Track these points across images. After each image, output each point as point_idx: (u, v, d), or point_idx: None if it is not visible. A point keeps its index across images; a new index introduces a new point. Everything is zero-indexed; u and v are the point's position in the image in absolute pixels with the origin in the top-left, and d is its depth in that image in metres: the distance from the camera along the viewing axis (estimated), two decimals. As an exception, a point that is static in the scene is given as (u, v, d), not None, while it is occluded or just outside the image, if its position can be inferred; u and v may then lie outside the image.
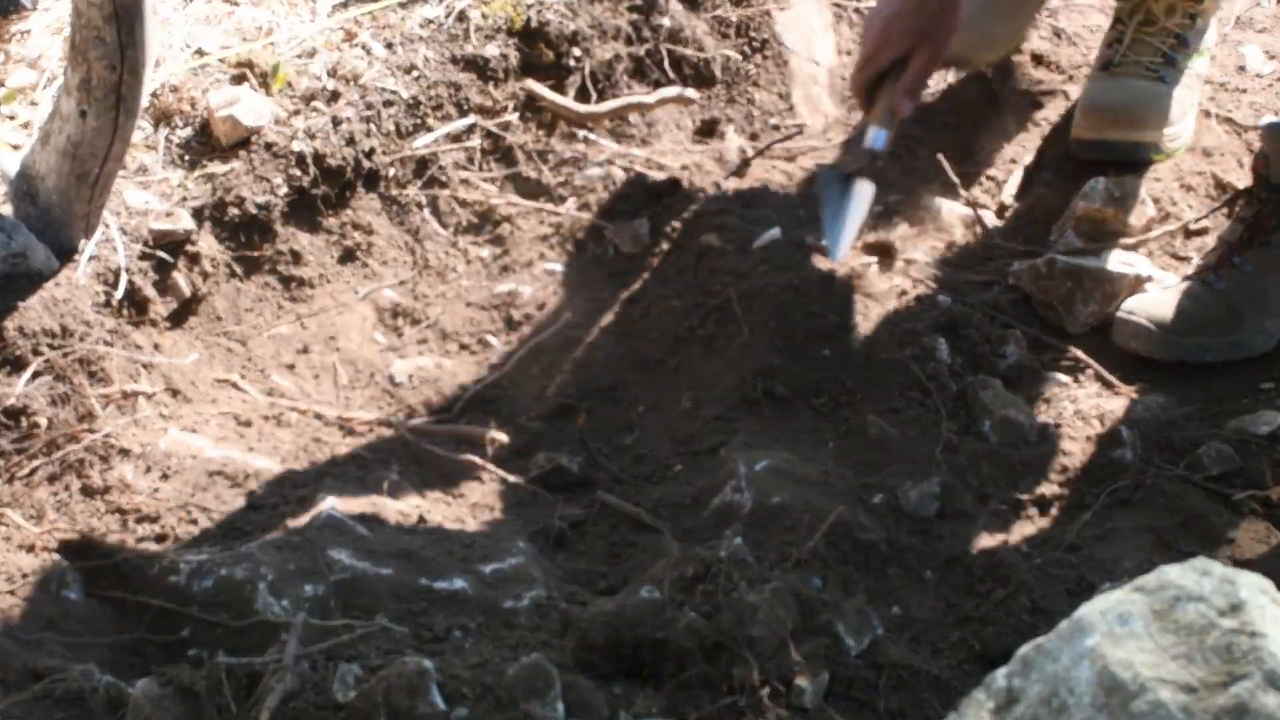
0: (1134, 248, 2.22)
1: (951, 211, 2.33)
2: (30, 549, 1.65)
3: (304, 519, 1.72)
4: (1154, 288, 2.13)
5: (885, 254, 2.20)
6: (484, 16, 2.36)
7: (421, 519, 1.79)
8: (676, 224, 2.28)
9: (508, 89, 2.37)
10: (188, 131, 2.15)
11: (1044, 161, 2.44)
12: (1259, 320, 2.02)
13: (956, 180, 2.33)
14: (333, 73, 2.25)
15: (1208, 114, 2.47)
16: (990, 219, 2.34)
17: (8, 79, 2.20)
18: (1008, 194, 2.40)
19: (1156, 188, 2.34)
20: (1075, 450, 1.90)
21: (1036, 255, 2.18)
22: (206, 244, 2.08)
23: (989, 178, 2.45)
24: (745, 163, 2.46)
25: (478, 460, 1.94)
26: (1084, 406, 1.99)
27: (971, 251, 2.27)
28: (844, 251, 2.05)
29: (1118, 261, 2.15)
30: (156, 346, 1.97)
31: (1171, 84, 2.37)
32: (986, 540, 1.75)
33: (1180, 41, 2.37)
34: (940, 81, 2.63)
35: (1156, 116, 2.36)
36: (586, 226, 2.33)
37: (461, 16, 2.35)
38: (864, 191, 2.03)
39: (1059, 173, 2.38)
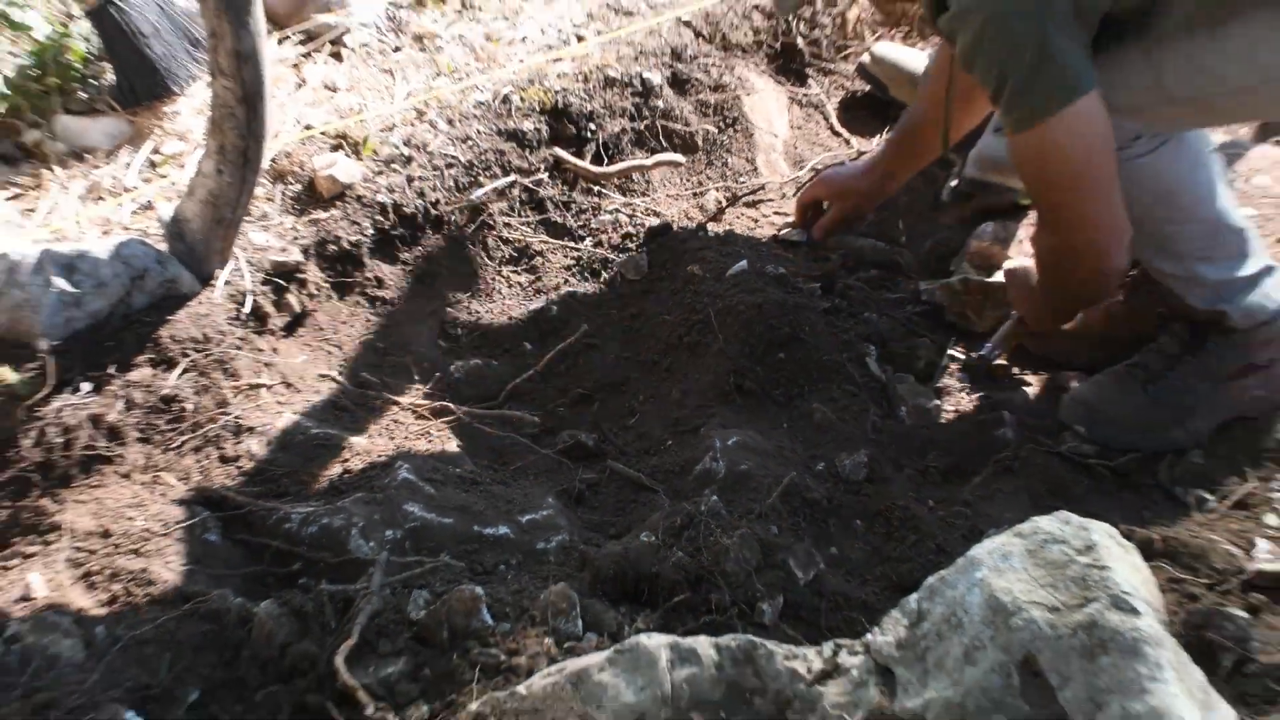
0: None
1: (875, 248, 2.35)
2: (181, 503, 1.66)
3: (385, 480, 1.73)
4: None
5: (829, 282, 2.23)
6: (522, 100, 2.37)
7: (474, 481, 1.80)
8: (668, 257, 2.29)
9: (540, 154, 2.37)
10: (298, 187, 2.16)
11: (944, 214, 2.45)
12: (1187, 423, 1.87)
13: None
14: (407, 142, 2.26)
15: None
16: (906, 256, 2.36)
17: (163, 147, 2.21)
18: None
19: (1026, 230, 2.35)
20: (969, 430, 1.91)
21: (944, 279, 2.20)
22: (312, 272, 2.09)
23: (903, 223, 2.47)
24: (721, 211, 2.47)
25: (516, 437, 1.96)
26: (976, 396, 2.00)
27: (890, 279, 2.28)
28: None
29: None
30: (274, 350, 1.98)
31: None
32: (902, 498, 1.75)
33: None
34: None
35: None
36: (600, 259, 2.34)
37: (505, 100, 2.36)
38: None
39: (956, 221, 2.39)
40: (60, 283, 1.79)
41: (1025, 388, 2.01)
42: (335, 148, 2.22)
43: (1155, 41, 1.59)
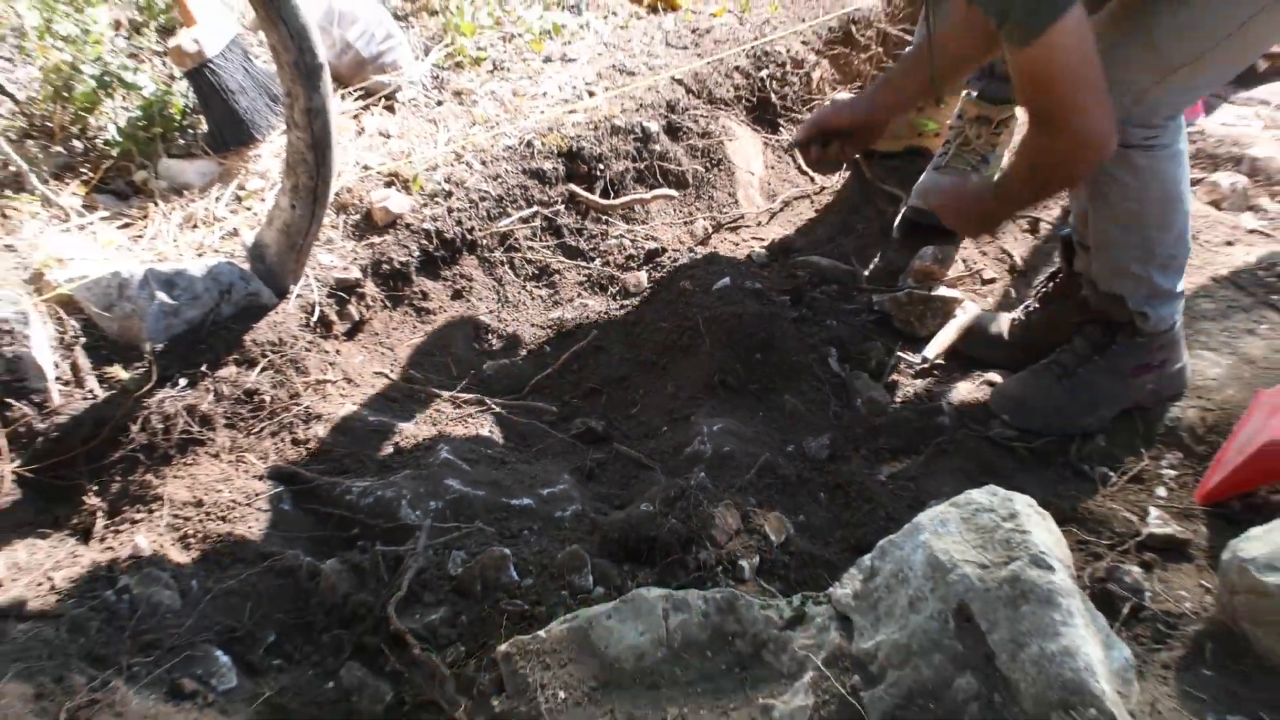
0: (952, 286, 2.24)
1: (835, 267, 2.35)
2: (260, 478, 1.67)
3: (429, 459, 1.74)
4: (988, 312, 2.13)
5: (798, 295, 2.23)
6: (542, 144, 2.37)
7: (503, 460, 1.80)
8: (664, 275, 2.29)
9: (557, 190, 2.37)
10: (357, 217, 2.16)
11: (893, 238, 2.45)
12: (1094, 412, 1.86)
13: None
14: (448, 180, 2.26)
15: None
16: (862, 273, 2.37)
17: (247, 185, 2.21)
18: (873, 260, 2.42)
19: (963, 253, 2.35)
20: (913, 418, 1.91)
21: (892, 292, 2.20)
22: (369, 287, 2.09)
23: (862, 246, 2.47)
24: (707, 236, 2.47)
25: (538, 423, 1.96)
26: (919, 389, 2.00)
27: (847, 293, 2.29)
28: None
29: (945, 294, 2.17)
30: (337, 351, 1.98)
31: None
32: (858, 474, 1.75)
33: (983, 159, 2.38)
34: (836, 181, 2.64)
35: None
36: (607, 276, 2.34)
37: (528, 144, 2.36)
38: None
39: (902, 245, 2.38)
40: (162, 296, 1.80)
41: (958, 383, 2.01)
42: (388, 184, 2.22)
43: (1135, 15, 1.54)
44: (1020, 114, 2.53)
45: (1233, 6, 1.53)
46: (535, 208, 2.33)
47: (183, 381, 1.74)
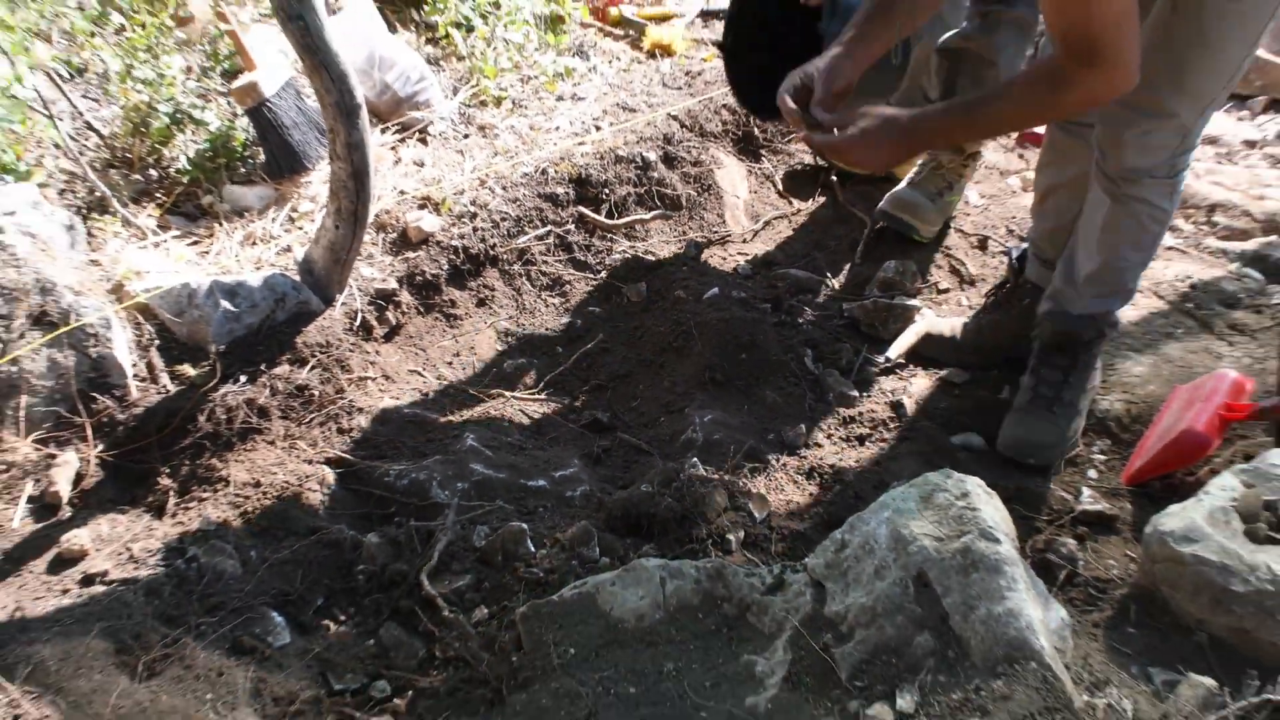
0: (911, 296, 2.23)
1: (810, 279, 2.34)
2: (310, 462, 1.67)
3: (456, 446, 1.73)
4: (943, 318, 2.09)
5: (777, 302, 2.22)
6: (556, 171, 2.36)
7: (520, 447, 1.79)
8: (661, 285, 2.27)
9: (568, 211, 2.36)
10: (394, 235, 2.15)
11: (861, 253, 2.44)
12: (1081, 423, 1.75)
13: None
14: (473, 203, 2.25)
15: (947, 225, 2.46)
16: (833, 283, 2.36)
17: (298, 207, 2.20)
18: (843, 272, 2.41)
19: (921, 266, 2.34)
20: (878, 410, 1.90)
21: (859, 301, 2.19)
22: (404, 296, 2.08)
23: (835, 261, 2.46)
24: (700, 252, 2.47)
25: (551, 415, 1.95)
26: (884, 386, 1.98)
27: (820, 301, 2.28)
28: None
29: (905, 302, 2.16)
30: (377, 352, 1.97)
31: (937, 204, 2.37)
32: (830, 459, 1.74)
33: (949, 185, 2.37)
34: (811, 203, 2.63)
35: (925, 216, 2.36)
36: (612, 287, 2.32)
37: (543, 171, 2.35)
38: None
39: (868, 259, 2.37)
40: (225, 304, 1.79)
41: (917, 379, 2.00)
42: (421, 206, 2.21)
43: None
44: (983, 147, 2.52)
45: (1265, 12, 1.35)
46: (549, 227, 2.32)
47: (243, 378, 1.73)
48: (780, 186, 2.76)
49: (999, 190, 2.69)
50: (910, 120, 1.41)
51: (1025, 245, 2.03)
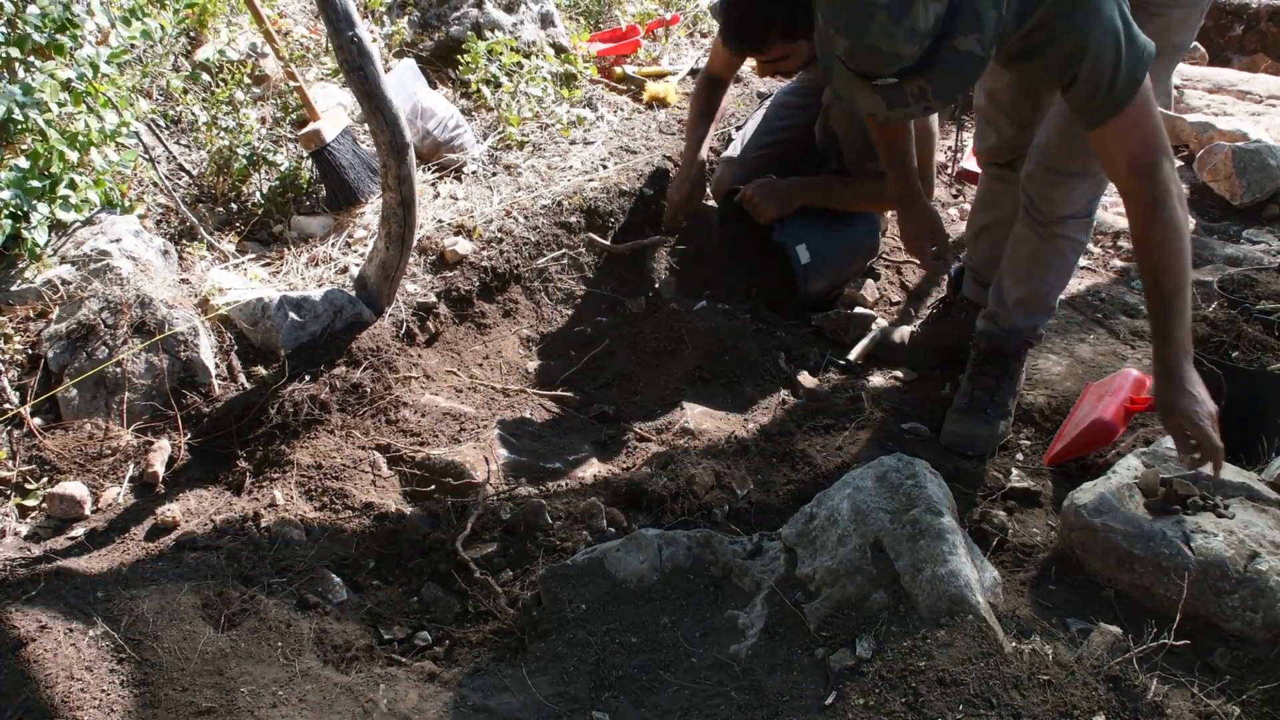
0: (868, 308, 2.21)
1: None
2: (363, 448, 1.65)
3: (486, 435, 1.72)
4: (895, 327, 2.05)
5: (756, 312, 2.21)
6: (569, 203, 2.35)
7: (540, 435, 1.79)
8: (658, 299, 2.26)
9: (580, 237, 2.36)
10: (434, 257, 2.14)
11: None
12: (1007, 429, 1.72)
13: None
14: (500, 230, 2.24)
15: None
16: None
17: (354, 234, 2.19)
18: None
19: (878, 286, 2.34)
20: (841, 403, 1.88)
21: (824, 312, 2.16)
22: (442, 309, 2.07)
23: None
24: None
25: (565, 408, 1.94)
26: (845, 382, 1.97)
27: (791, 312, 2.26)
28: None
29: (863, 312, 2.14)
30: (419, 356, 1.96)
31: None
32: (801, 445, 1.73)
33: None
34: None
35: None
36: (617, 300, 2.31)
37: (559, 204, 2.33)
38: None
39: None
40: (292, 315, 1.79)
41: (873, 378, 1.99)
42: (456, 233, 2.20)
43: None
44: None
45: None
46: (563, 250, 2.31)
47: (307, 378, 1.73)
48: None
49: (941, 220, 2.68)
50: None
51: (961, 266, 2.03)
